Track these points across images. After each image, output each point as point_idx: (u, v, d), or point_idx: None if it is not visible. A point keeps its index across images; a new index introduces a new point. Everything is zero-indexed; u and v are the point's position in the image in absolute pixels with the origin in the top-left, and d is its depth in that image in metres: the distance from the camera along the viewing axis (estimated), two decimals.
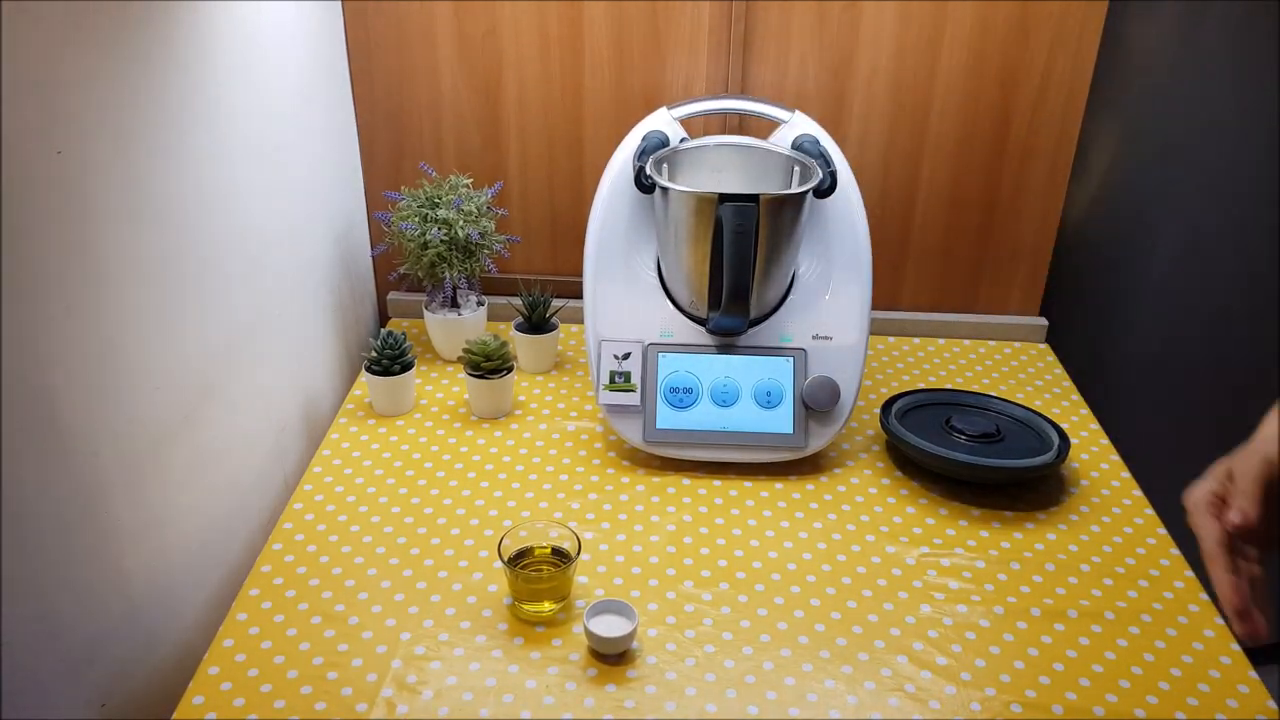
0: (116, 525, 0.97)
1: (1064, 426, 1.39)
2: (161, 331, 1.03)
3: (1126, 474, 1.36)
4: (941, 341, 1.70)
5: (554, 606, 1.10)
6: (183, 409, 1.08)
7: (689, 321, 1.37)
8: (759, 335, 1.36)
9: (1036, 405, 1.49)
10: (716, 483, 1.33)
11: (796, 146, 1.36)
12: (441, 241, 1.46)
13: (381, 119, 1.61)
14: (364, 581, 1.15)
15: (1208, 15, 1.53)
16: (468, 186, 1.52)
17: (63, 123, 0.86)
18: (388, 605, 1.11)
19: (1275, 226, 1.61)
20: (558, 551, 1.14)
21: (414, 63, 1.56)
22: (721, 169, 1.39)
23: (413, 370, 1.45)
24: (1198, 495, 0.80)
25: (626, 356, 1.35)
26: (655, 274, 1.38)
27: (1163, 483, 1.43)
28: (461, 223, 1.47)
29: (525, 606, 1.10)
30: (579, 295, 1.41)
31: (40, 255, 0.83)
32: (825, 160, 1.33)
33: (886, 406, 1.42)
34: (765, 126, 1.45)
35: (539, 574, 1.11)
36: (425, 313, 1.57)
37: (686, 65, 1.54)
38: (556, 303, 1.56)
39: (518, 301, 1.55)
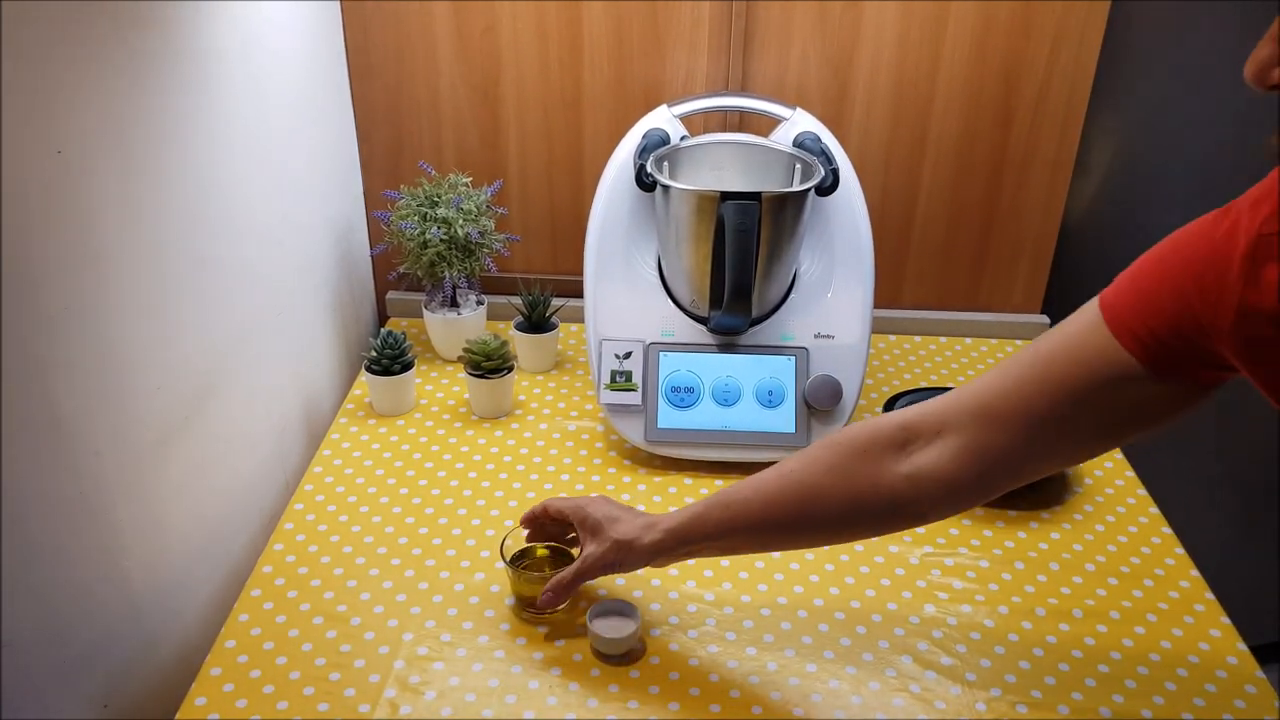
0: (117, 526, 0.97)
1: None
2: (161, 331, 1.02)
3: (1130, 473, 1.36)
4: (943, 340, 1.70)
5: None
6: (183, 409, 1.07)
7: (690, 320, 1.36)
8: (760, 334, 1.35)
9: None
10: (718, 482, 1.32)
11: (798, 144, 1.36)
12: (441, 240, 1.46)
13: (380, 118, 1.60)
14: (366, 582, 1.14)
15: (1210, 13, 1.53)
16: (467, 185, 1.52)
17: (62, 123, 0.85)
18: (390, 605, 1.11)
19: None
20: (558, 551, 1.13)
21: (412, 61, 1.55)
22: (722, 167, 1.39)
23: (413, 370, 1.44)
24: None
25: (627, 356, 1.34)
26: (656, 273, 1.38)
27: (1166, 481, 1.42)
28: (461, 221, 1.47)
29: (526, 605, 1.10)
30: (579, 294, 1.41)
31: (40, 255, 0.83)
32: (827, 158, 1.32)
33: (889, 405, 1.41)
34: (766, 124, 1.45)
35: (541, 575, 1.10)
36: (425, 312, 1.57)
37: (686, 62, 1.54)
38: (556, 302, 1.55)
39: (518, 300, 1.54)
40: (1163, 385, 0.77)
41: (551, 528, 1.12)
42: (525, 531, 1.13)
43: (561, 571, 1.04)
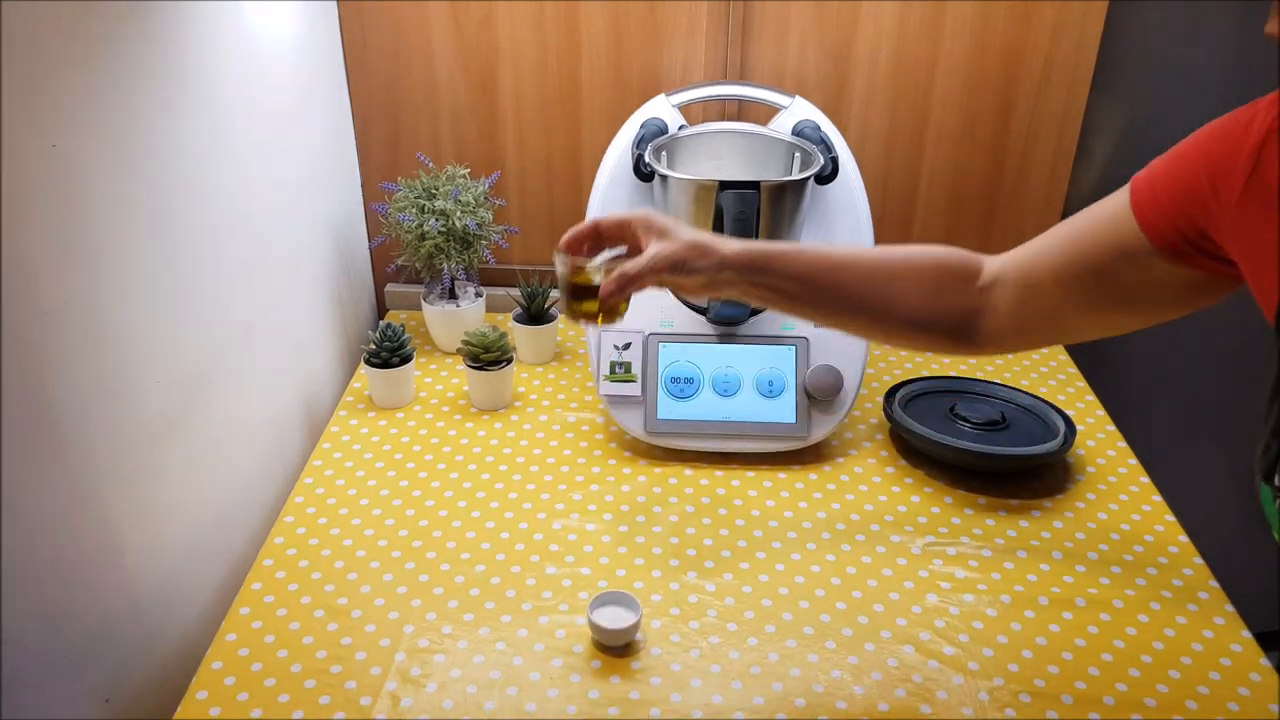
0: (116, 520, 0.96)
1: (1069, 413, 1.38)
2: (159, 325, 1.02)
3: (1133, 460, 1.35)
4: None
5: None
6: (182, 403, 1.07)
7: (689, 311, 1.36)
8: (760, 324, 1.35)
9: (1041, 392, 1.48)
10: (719, 473, 1.32)
11: (797, 132, 1.35)
12: (439, 232, 1.45)
13: (377, 110, 1.60)
14: (366, 574, 1.14)
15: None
16: (464, 177, 1.51)
17: (57, 117, 0.84)
18: (390, 598, 1.10)
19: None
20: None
21: (409, 53, 1.54)
22: (721, 156, 1.38)
23: (412, 362, 1.44)
24: None
25: (627, 347, 1.34)
26: None
27: (1169, 468, 1.42)
28: (459, 213, 1.46)
29: (581, 305, 0.98)
30: None
31: (35, 249, 0.82)
32: (826, 146, 1.32)
33: (890, 394, 1.41)
34: (765, 113, 1.44)
35: (600, 266, 0.96)
36: (424, 304, 1.56)
37: (684, 51, 1.53)
38: (555, 293, 1.54)
39: (516, 292, 1.54)
40: (1174, 268, 0.80)
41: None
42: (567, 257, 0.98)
43: (626, 264, 0.93)
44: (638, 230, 0.95)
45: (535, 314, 1.53)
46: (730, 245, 0.93)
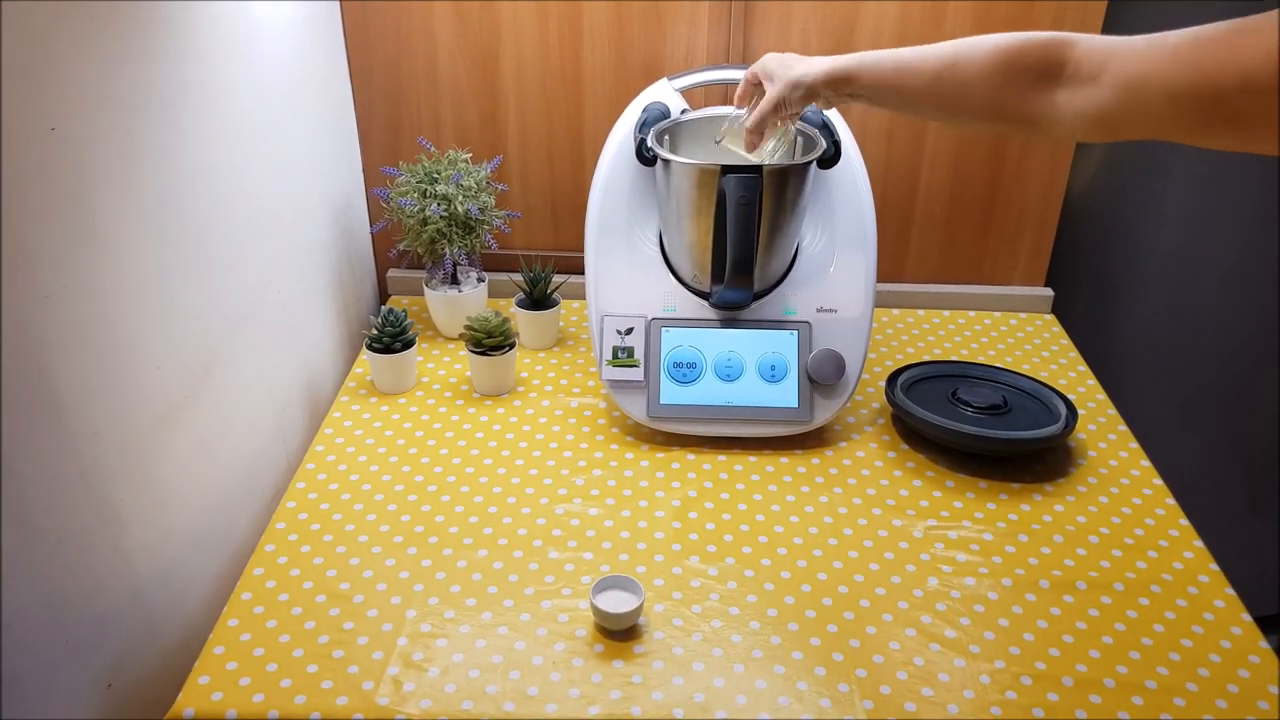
0: (118, 506, 0.97)
1: (1071, 397, 1.38)
2: (160, 310, 1.02)
3: (1135, 444, 1.35)
4: (946, 313, 1.69)
5: None
6: (183, 389, 1.07)
7: (692, 295, 1.35)
8: (763, 309, 1.35)
9: (1043, 376, 1.48)
10: (721, 457, 1.32)
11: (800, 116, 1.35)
12: (441, 217, 1.45)
13: (378, 94, 1.59)
14: (368, 559, 1.14)
15: None
16: (466, 161, 1.51)
17: (56, 99, 0.84)
18: (392, 583, 1.11)
19: (1278, 197, 1.59)
20: None
21: (410, 35, 1.54)
22: (723, 140, 1.37)
23: (414, 348, 1.44)
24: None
25: (629, 331, 1.34)
26: (657, 248, 1.37)
27: (1169, 452, 1.42)
28: (461, 198, 1.46)
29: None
30: (580, 270, 1.40)
31: (35, 234, 0.82)
32: (828, 130, 1.31)
33: (892, 379, 1.41)
34: None
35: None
36: (426, 290, 1.56)
37: (687, 35, 1.52)
38: (558, 278, 1.54)
39: (519, 277, 1.54)
40: None
41: None
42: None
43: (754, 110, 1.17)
44: (761, 80, 1.17)
45: (538, 299, 1.53)
46: (817, 69, 1.08)
